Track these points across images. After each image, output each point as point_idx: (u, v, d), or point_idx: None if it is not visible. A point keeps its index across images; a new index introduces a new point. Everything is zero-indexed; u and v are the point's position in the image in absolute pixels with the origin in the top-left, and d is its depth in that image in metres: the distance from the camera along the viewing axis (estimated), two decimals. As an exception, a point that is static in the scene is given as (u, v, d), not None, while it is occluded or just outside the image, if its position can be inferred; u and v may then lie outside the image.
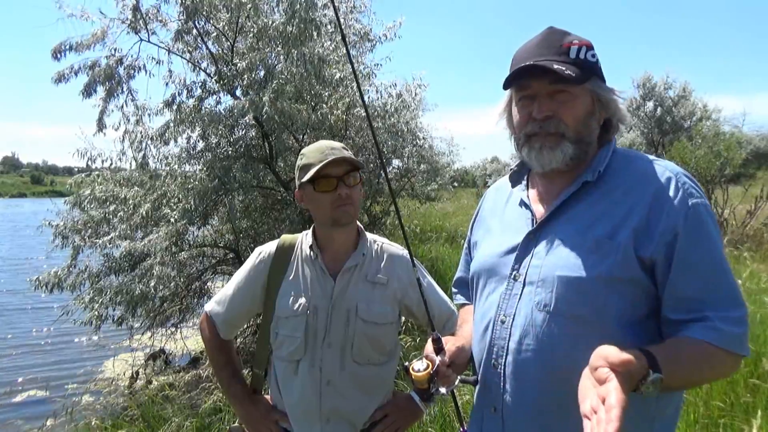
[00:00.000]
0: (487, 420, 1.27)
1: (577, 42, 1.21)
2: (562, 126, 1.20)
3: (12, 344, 8.04)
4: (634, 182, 1.18)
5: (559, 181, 1.26)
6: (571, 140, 1.21)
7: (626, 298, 1.12)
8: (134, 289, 4.90)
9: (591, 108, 1.23)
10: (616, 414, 0.84)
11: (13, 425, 5.14)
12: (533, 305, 1.18)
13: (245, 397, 1.79)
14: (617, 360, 0.92)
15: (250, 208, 6.22)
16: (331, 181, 1.65)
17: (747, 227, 9.80)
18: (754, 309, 4.37)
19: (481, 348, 1.29)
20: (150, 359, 6.67)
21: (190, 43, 5.65)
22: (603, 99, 1.23)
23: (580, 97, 1.21)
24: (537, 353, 1.16)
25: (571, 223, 1.20)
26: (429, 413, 3.28)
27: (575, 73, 1.16)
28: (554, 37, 1.23)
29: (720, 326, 1.07)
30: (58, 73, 5.31)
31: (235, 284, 1.82)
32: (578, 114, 1.21)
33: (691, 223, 1.11)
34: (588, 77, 1.20)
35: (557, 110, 1.20)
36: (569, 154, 1.21)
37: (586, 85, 1.20)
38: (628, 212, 1.14)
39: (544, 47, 1.21)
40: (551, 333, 1.15)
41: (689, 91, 21.12)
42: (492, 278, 1.30)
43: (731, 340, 1.08)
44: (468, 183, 31.60)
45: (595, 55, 1.23)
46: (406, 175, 8.39)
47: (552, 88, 1.20)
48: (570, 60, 1.19)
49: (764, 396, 3.19)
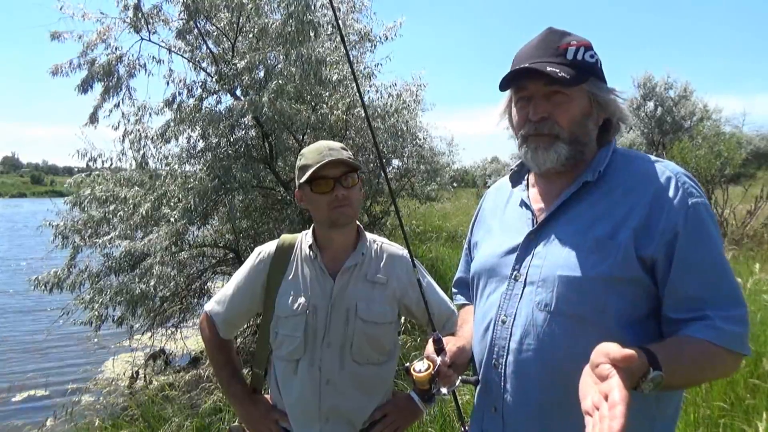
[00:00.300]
0: (488, 420, 1.27)
1: (575, 43, 1.21)
2: (556, 127, 1.21)
3: (12, 344, 8.05)
4: (635, 182, 1.18)
5: (559, 182, 1.27)
6: (565, 141, 1.21)
7: (627, 297, 1.12)
8: (134, 288, 4.90)
9: (588, 109, 1.23)
10: (621, 411, 0.83)
11: (13, 425, 5.13)
12: (534, 305, 1.18)
13: (245, 397, 1.79)
14: (619, 356, 0.90)
15: (250, 208, 6.22)
16: (328, 183, 1.65)
17: (747, 227, 9.79)
18: (754, 309, 4.37)
19: (481, 348, 1.29)
20: (150, 359, 6.67)
21: (191, 42, 5.65)
22: (601, 99, 1.23)
23: (575, 99, 1.21)
24: (538, 353, 1.17)
25: (572, 223, 1.20)
26: (429, 413, 3.28)
27: (570, 75, 1.16)
28: (552, 38, 1.23)
29: (720, 325, 1.07)
30: (55, 66, 5.24)
31: (234, 284, 1.82)
32: (573, 115, 1.21)
33: (691, 223, 1.11)
34: (585, 78, 1.20)
35: (553, 111, 1.21)
36: (564, 154, 1.22)
37: (582, 86, 1.20)
38: (629, 212, 1.14)
39: (542, 48, 1.22)
40: (552, 333, 1.16)
41: (690, 91, 21.13)
42: (492, 278, 1.30)
43: (732, 338, 1.08)
44: (468, 183, 31.59)
45: (594, 55, 1.23)
46: (406, 174, 8.39)
47: (547, 89, 1.20)
48: (566, 61, 1.19)
49: (764, 396, 3.19)
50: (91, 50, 5.22)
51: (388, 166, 7.85)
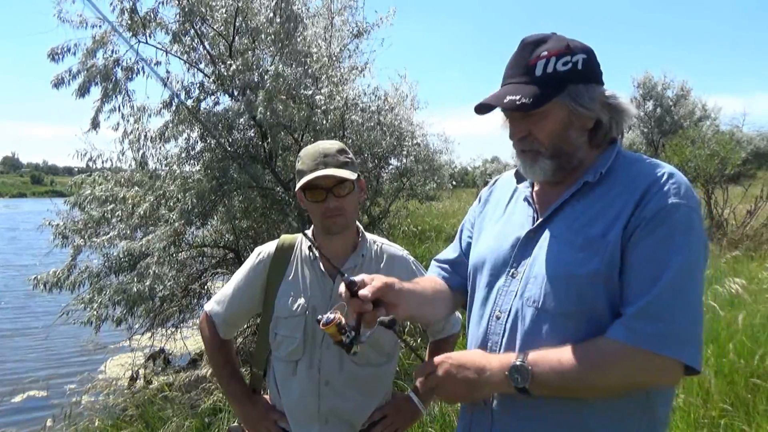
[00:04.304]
0: (477, 413, 1.28)
1: (545, 54, 1.19)
2: (536, 144, 1.23)
3: (11, 345, 8.04)
4: (628, 183, 1.18)
5: (561, 183, 1.27)
6: (547, 156, 1.23)
7: (615, 295, 1.13)
8: (133, 288, 4.90)
9: (566, 120, 1.21)
10: None
11: (13, 426, 5.13)
12: (524, 301, 1.20)
13: (244, 397, 1.79)
14: None
15: (250, 209, 6.21)
16: (320, 192, 1.64)
17: (747, 227, 9.79)
18: (754, 309, 4.37)
19: (474, 342, 1.30)
20: (150, 359, 6.66)
21: (188, 44, 5.63)
22: (584, 104, 1.20)
23: (551, 113, 1.20)
24: (525, 349, 1.17)
25: (568, 223, 1.21)
26: (429, 413, 3.27)
27: (533, 98, 1.16)
28: (523, 54, 1.22)
29: (631, 324, 1.07)
30: (57, 77, 5.23)
31: (234, 284, 1.82)
32: (552, 130, 1.21)
33: (657, 220, 1.10)
34: (555, 92, 1.18)
35: (531, 129, 1.23)
36: (548, 169, 1.23)
37: (556, 99, 1.19)
38: (620, 212, 1.15)
39: (514, 67, 1.23)
40: (539, 329, 1.17)
41: (687, 90, 21.13)
42: (490, 273, 1.31)
43: (643, 338, 1.06)
44: (468, 183, 31.58)
45: (568, 61, 1.19)
46: (405, 174, 8.37)
47: (518, 113, 1.22)
48: (535, 79, 1.19)
49: (764, 396, 3.18)
50: (90, 59, 5.20)
51: (386, 166, 7.85)
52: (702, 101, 21.42)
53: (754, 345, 3.67)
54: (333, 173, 1.62)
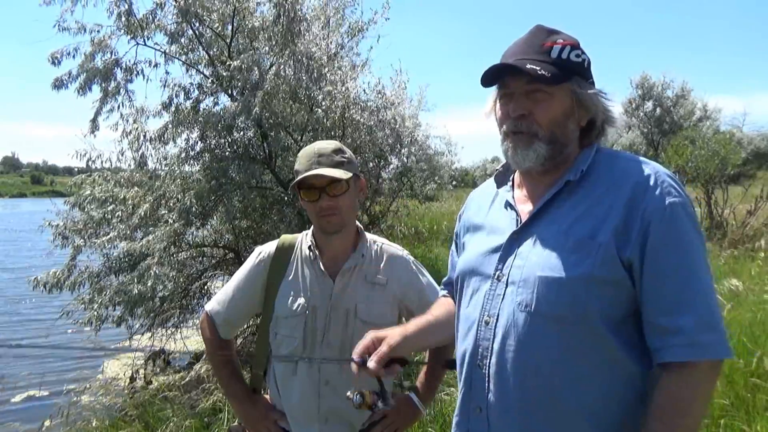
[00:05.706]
0: (473, 420, 1.26)
1: (561, 41, 1.21)
2: (534, 126, 1.20)
3: (11, 345, 8.03)
4: (614, 180, 1.18)
5: (543, 182, 1.26)
6: (544, 140, 1.21)
7: (608, 298, 1.12)
8: (133, 289, 4.90)
9: (569, 109, 1.22)
10: None
11: (12, 426, 5.12)
12: (515, 305, 1.18)
13: (244, 397, 1.79)
14: None
15: (250, 209, 6.21)
16: (314, 192, 1.64)
17: (747, 227, 9.79)
18: (755, 309, 4.37)
19: (465, 348, 1.29)
20: (150, 359, 6.65)
21: (186, 45, 5.63)
22: (584, 99, 1.22)
23: (557, 97, 1.20)
24: (518, 354, 1.16)
25: (554, 224, 1.20)
26: (429, 413, 3.28)
27: (551, 73, 1.16)
28: (539, 35, 1.23)
29: (694, 338, 1.08)
30: (57, 79, 5.24)
31: (234, 284, 1.82)
32: (553, 114, 1.20)
33: (665, 225, 1.10)
34: (568, 77, 1.19)
35: (533, 109, 1.20)
36: (542, 154, 1.21)
37: (565, 84, 1.19)
38: (608, 211, 1.14)
39: (527, 46, 1.22)
40: (532, 333, 1.15)
41: (687, 90, 21.16)
42: (476, 278, 1.30)
43: (705, 349, 1.08)
44: (468, 183, 31.58)
45: (580, 54, 1.22)
46: (405, 173, 8.37)
47: (529, 87, 1.20)
48: (550, 60, 1.19)
49: (764, 396, 3.19)
50: (89, 63, 5.20)
51: (387, 166, 7.84)
52: (702, 101, 21.45)
53: (754, 345, 3.67)
54: (324, 172, 1.62)
